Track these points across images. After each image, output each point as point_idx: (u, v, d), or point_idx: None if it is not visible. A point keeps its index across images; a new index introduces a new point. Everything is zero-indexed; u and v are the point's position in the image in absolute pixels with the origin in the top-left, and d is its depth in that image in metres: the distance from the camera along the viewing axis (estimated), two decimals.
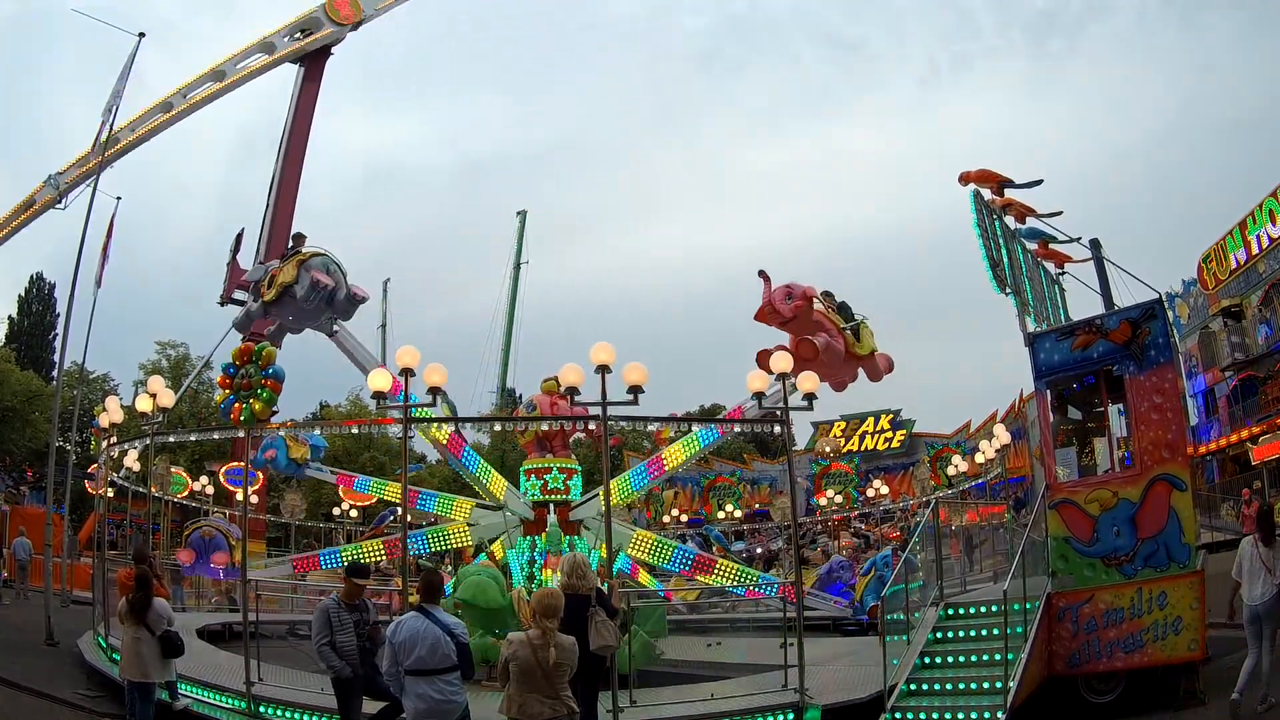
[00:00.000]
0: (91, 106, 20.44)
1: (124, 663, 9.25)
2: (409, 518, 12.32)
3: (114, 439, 13.92)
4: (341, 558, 15.55)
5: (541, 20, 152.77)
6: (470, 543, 16.33)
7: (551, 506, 14.12)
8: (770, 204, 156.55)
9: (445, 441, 14.62)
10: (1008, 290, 11.24)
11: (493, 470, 15.17)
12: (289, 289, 14.79)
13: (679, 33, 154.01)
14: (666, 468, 14.79)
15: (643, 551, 14.96)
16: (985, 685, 9.01)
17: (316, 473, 18.73)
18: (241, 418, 10.70)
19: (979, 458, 22.85)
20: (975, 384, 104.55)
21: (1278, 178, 30.23)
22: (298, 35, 40.11)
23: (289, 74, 41.11)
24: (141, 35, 20.39)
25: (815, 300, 13.67)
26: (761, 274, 13.67)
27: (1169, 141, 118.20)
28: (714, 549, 21.92)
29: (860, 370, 14.45)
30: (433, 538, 15.61)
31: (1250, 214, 31.11)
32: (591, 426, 12.04)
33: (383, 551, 16.44)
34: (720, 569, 14.25)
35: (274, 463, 18.05)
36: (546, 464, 14.40)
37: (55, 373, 30.52)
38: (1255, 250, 31.06)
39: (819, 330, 13.40)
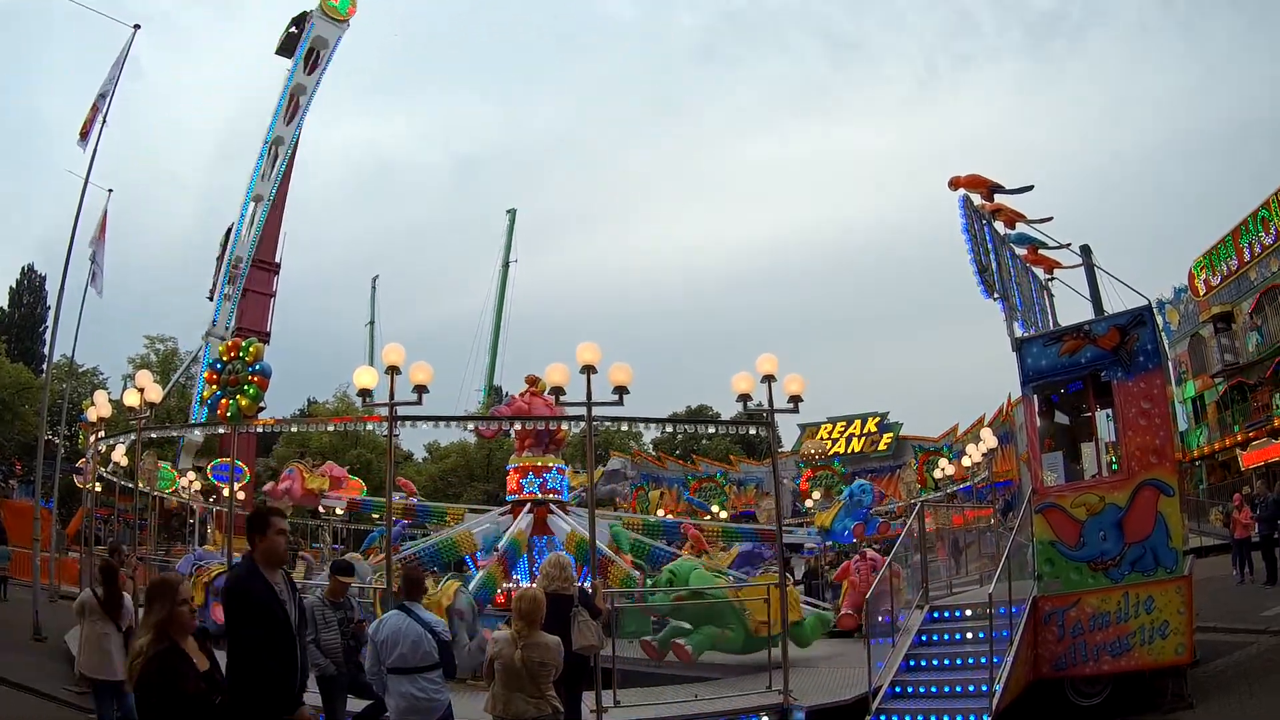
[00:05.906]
0: (88, 97, 20.29)
1: (84, 659, 8.53)
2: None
3: (102, 433, 13.88)
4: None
5: (537, 17, 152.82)
6: (479, 547, 15.86)
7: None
8: (765, 203, 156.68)
9: None
10: (996, 295, 11.26)
11: None
12: None
13: (675, 29, 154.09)
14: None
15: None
16: (970, 688, 9.02)
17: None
18: (228, 413, 10.66)
19: (966, 461, 22.87)
20: (963, 388, 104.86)
21: (1274, 185, 30.11)
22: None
23: (282, 69, 40.85)
24: (136, 27, 20.35)
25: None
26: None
27: (1166, 146, 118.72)
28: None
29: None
30: (443, 549, 15.24)
31: (1244, 221, 31.19)
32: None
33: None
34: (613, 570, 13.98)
35: None
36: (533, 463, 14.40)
37: (45, 365, 30.43)
38: (1247, 258, 31.15)
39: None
